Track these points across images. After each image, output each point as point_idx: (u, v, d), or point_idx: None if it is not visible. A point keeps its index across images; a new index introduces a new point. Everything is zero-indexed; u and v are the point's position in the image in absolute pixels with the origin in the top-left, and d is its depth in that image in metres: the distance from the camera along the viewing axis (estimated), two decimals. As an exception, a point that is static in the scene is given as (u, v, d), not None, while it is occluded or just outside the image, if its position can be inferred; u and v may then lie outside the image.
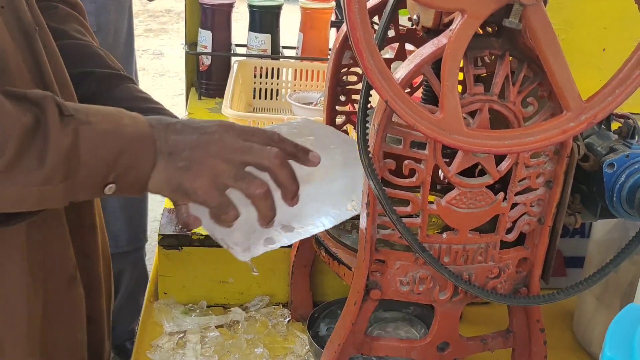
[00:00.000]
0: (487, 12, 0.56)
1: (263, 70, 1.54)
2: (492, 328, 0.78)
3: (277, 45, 1.62)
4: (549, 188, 0.69)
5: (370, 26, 0.55)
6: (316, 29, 1.61)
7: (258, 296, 1.00)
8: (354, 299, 0.70)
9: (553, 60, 0.57)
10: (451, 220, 0.67)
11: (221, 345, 0.91)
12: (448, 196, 0.65)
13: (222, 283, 0.99)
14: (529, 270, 0.72)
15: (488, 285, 0.70)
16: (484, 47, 0.62)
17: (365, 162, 0.62)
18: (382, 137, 0.63)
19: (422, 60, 0.60)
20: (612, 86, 0.59)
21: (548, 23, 0.57)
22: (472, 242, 0.68)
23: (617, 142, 0.71)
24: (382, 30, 0.61)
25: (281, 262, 0.98)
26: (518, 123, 0.63)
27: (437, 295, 0.70)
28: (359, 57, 0.55)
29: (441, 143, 0.59)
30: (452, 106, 0.58)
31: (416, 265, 0.69)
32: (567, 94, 0.59)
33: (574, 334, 0.99)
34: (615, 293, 0.89)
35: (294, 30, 1.64)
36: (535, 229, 0.71)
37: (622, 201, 0.69)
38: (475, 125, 0.62)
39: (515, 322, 0.76)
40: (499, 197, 0.67)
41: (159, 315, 0.96)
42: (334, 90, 0.87)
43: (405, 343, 0.73)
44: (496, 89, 0.62)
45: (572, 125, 0.60)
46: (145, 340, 0.92)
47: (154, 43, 5.22)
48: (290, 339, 0.94)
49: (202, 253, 0.97)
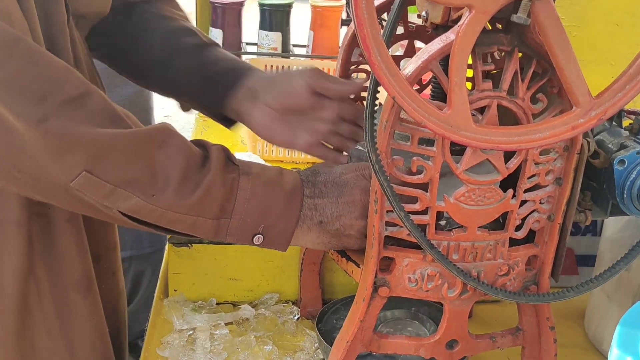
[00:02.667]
0: (495, 7, 0.55)
1: (273, 69, 1.54)
2: (502, 326, 0.78)
3: (288, 43, 1.62)
4: (558, 185, 0.68)
5: (377, 22, 0.55)
6: (327, 27, 1.61)
7: (267, 293, 1.00)
8: (362, 296, 0.70)
9: (562, 56, 0.57)
10: (460, 217, 0.66)
11: (230, 342, 0.91)
12: (457, 193, 0.65)
13: (232, 280, 0.99)
14: (539, 268, 0.72)
15: (497, 283, 0.70)
16: (493, 43, 0.62)
17: (373, 159, 0.62)
18: (391, 134, 0.63)
19: (430, 56, 0.59)
20: (622, 82, 0.59)
21: (557, 18, 0.56)
22: (480, 239, 0.68)
23: (628, 139, 0.70)
24: (389, 26, 0.61)
25: (290, 259, 0.98)
26: (527, 119, 0.63)
27: (445, 292, 0.69)
28: (366, 53, 0.55)
29: (449, 139, 0.59)
30: (460, 102, 0.57)
31: (424, 262, 0.68)
32: (576, 90, 0.58)
33: (585, 332, 0.98)
34: (626, 291, 0.89)
35: (305, 29, 1.64)
36: (545, 227, 0.70)
37: (632, 198, 0.68)
38: (483, 122, 0.61)
39: (525, 320, 0.75)
40: (508, 194, 0.66)
41: (168, 312, 0.96)
42: (343, 87, 0.87)
43: (413, 340, 0.73)
44: (505, 85, 0.62)
45: (581, 121, 0.59)
46: (155, 337, 0.93)
47: (166, 42, 5.23)
48: (299, 336, 0.94)
49: (211, 250, 0.97)
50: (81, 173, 0.62)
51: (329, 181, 0.73)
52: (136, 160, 0.64)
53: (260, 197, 0.69)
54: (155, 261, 1.90)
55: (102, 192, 0.64)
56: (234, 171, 0.69)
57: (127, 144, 0.64)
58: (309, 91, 0.82)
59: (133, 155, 0.64)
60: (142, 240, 1.76)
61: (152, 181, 0.65)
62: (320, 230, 0.72)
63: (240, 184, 0.68)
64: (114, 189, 0.64)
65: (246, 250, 0.98)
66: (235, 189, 0.68)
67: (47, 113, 0.61)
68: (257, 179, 0.69)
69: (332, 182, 0.72)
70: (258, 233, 0.70)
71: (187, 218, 0.67)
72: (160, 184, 0.65)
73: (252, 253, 0.98)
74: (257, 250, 0.97)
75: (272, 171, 0.71)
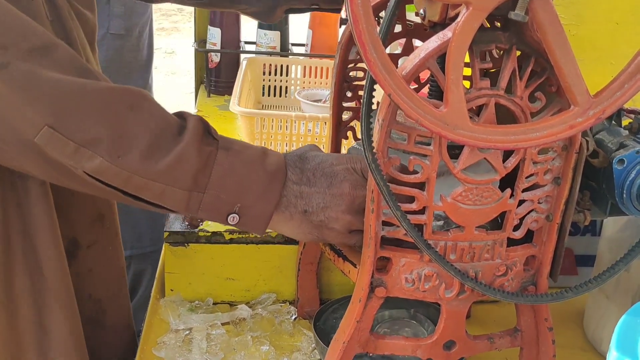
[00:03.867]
0: (493, 4, 0.55)
1: (272, 68, 1.54)
2: (501, 327, 0.77)
3: (286, 42, 1.61)
4: (557, 185, 0.68)
5: (373, 19, 0.54)
6: (325, 25, 1.61)
7: (264, 293, 1.00)
8: (358, 297, 0.69)
9: (560, 54, 0.56)
10: (457, 217, 0.66)
11: (227, 342, 0.91)
12: (454, 192, 0.65)
13: (229, 280, 0.99)
14: (537, 268, 0.71)
15: (495, 283, 0.69)
16: (490, 41, 0.61)
17: (369, 158, 0.61)
18: (387, 133, 0.63)
19: (427, 54, 0.59)
20: (620, 81, 0.58)
21: (555, 15, 0.56)
22: (478, 239, 0.67)
23: (628, 138, 0.69)
24: (386, 23, 0.60)
25: (288, 259, 0.98)
26: (525, 118, 0.62)
27: (443, 293, 0.69)
28: (361, 50, 0.54)
29: (445, 138, 0.58)
30: (456, 100, 0.57)
31: (422, 262, 0.68)
32: (574, 89, 0.58)
33: (584, 333, 0.97)
34: (626, 292, 0.88)
35: (303, 27, 1.64)
36: (543, 226, 0.70)
37: (632, 198, 0.68)
38: (481, 120, 0.61)
39: (523, 320, 0.75)
40: (506, 194, 0.66)
41: (165, 312, 0.95)
42: (341, 86, 0.86)
43: (410, 341, 0.73)
44: (503, 84, 0.61)
45: (579, 120, 0.59)
46: (151, 337, 0.92)
47: (166, 42, 5.24)
48: (296, 337, 0.93)
49: (208, 250, 0.97)
50: (44, 128, 0.60)
51: (319, 170, 0.70)
52: (102, 118, 0.62)
53: (239, 174, 0.66)
54: (156, 260, 1.89)
55: (66, 150, 0.61)
56: (212, 144, 0.66)
57: (94, 98, 0.62)
58: None
59: (99, 111, 0.62)
60: (142, 239, 1.76)
61: (118, 142, 0.62)
62: (303, 220, 0.69)
63: (217, 158, 0.66)
64: (77, 148, 0.61)
65: (243, 250, 0.97)
66: (212, 162, 0.65)
67: (9, 60, 0.59)
68: (236, 156, 0.67)
69: (322, 172, 0.70)
70: (233, 212, 0.67)
71: (154, 185, 0.64)
72: (127, 146, 0.62)
73: (250, 253, 0.98)
74: (254, 250, 0.97)
75: (254, 150, 0.69)
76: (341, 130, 0.89)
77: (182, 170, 0.64)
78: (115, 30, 1.57)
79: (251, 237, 0.97)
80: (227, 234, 0.96)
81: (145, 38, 1.70)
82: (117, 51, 1.58)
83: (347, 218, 0.70)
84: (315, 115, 1.21)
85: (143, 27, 1.67)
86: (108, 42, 1.56)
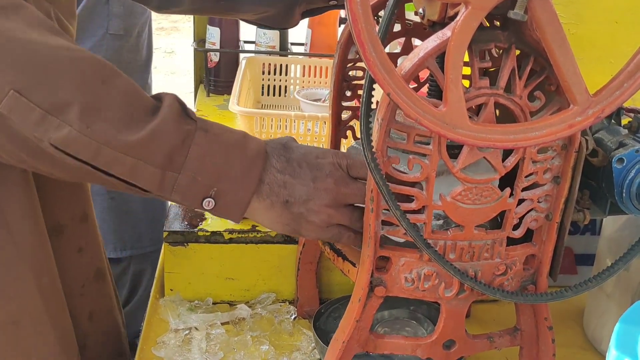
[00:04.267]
0: (492, 3, 0.55)
1: (271, 67, 1.54)
2: (500, 326, 0.77)
3: (286, 41, 1.61)
4: (556, 184, 0.68)
5: (372, 18, 0.54)
6: (324, 25, 1.61)
7: (264, 293, 1.00)
8: (358, 296, 0.69)
9: (559, 53, 0.56)
10: (456, 216, 0.66)
11: (227, 342, 0.91)
12: (453, 192, 0.65)
13: (228, 280, 0.99)
14: (537, 268, 0.71)
15: (495, 283, 0.69)
16: (490, 40, 0.61)
17: (369, 157, 0.61)
18: (386, 132, 0.63)
19: (426, 53, 0.59)
20: (620, 80, 0.58)
21: (554, 14, 0.56)
22: (478, 238, 0.67)
23: (627, 137, 0.69)
24: (385, 22, 0.60)
25: (287, 258, 0.98)
26: (524, 117, 0.62)
27: (442, 292, 0.69)
28: (360, 49, 0.54)
29: (445, 137, 0.58)
30: (455, 99, 0.57)
31: (421, 262, 0.68)
32: (573, 88, 0.58)
33: (584, 332, 0.97)
34: (626, 290, 0.88)
35: (303, 27, 1.64)
36: (543, 226, 0.69)
37: (631, 197, 0.68)
38: (480, 120, 0.61)
39: (523, 319, 0.75)
40: (505, 193, 0.66)
41: (164, 312, 0.95)
42: (340, 85, 0.86)
43: (410, 340, 0.73)
44: (502, 83, 0.61)
45: (579, 119, 0.59)
46: (150, 336, 0.92)
47: (166, 41, 5.24)
48: (296, 336, 0.93)
49: (208, 249, 0.97)
50: (10, 92, 0.56)
51: (304, 162, 0.69)
52: (73, 85, 0.59)
53: (217, 157, 0.64)
54: (155, 260, 1.89)
55: (31, 118, 0.58)
56: (191, 124, 0.64)
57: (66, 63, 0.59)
58: None
59: (71, 78, 0.59)
60: (142, 239, 1.76)
61: (88, 110, 0.59)
62: (284, 210, 0.68)
63: (195, 138, 0.63)
64: (44, 115, 0.58)
65: (243, 249, 0.97)
66: (190, 142, 0.63)
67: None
68: (216, 137, 0.65)
69: (308, 164, 0.69)
70: (209, 197, 0.65)
71: (125, 159, 0.61)
72: (98, 116, 0.59)
73: (249, 252, 0.98)
74: (254, 250, 0.97)
75: (234, 134, 0.67)
76: (340, 130, 0.89)
77: (156, 145, 0.62)
78: (114, 31, 1.57)
79: (251, 236, 0.97)
80: (226, 233, 0.96)
81: (144, 38, 1.70)
82: (116, 51, 1.58)
83: (328, 212, 0.69)
84: (314, 115, 1.21)
85: (142, 27, 1.67)
86: (107, 43, 1.56)
